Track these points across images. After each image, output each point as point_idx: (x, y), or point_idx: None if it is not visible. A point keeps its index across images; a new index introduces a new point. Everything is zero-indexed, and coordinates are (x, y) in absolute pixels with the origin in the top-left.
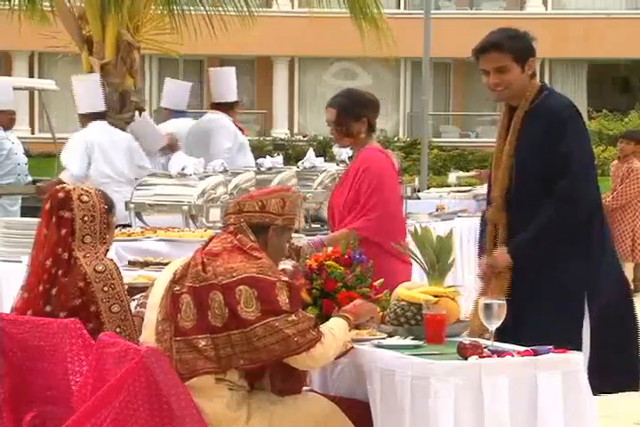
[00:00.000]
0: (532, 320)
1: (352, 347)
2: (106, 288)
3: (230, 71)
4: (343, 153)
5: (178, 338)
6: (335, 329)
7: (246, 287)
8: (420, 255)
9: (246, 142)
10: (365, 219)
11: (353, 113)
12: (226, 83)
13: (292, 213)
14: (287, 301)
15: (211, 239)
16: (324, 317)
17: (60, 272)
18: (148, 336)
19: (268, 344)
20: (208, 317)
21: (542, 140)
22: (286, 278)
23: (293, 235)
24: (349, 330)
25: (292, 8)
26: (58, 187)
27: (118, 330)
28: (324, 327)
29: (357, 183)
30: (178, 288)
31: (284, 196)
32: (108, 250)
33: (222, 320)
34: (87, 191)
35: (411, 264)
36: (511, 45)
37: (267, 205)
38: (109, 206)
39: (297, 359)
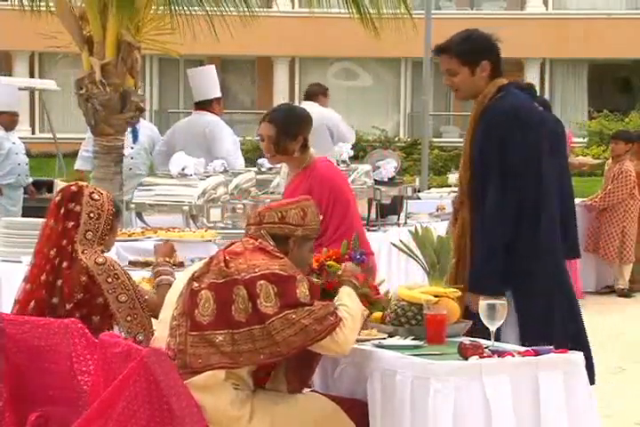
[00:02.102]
0: None
1: (369, 313)
2: (110, 279)
3: (211, 69)
4: (344, 153)
5: (193, 333)
6: (350, 307)
7: (266, 282)
8: (420, 255)
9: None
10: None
11: (291, 132)
12: (209, 80)
13: (312, 223)
14: (307, 293)
15: (232, 242)
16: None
17: (64, 264)
18: (162, 331)
19: (286, 337)
20: (232, 312)
21: (479, 139)
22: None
23: None
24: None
25: (293, 8)
26: (72, 182)
27: (129, 318)
28: (342, 309)
29: (330, 207)
30: (197, 285)
31: (305, 206)
32: (103, 251)
33: (246, 315)
34: (99, 191)
35: None
36: (458, 49)
37: (286, 216)
38: (117, 211)
39: (322, 346)
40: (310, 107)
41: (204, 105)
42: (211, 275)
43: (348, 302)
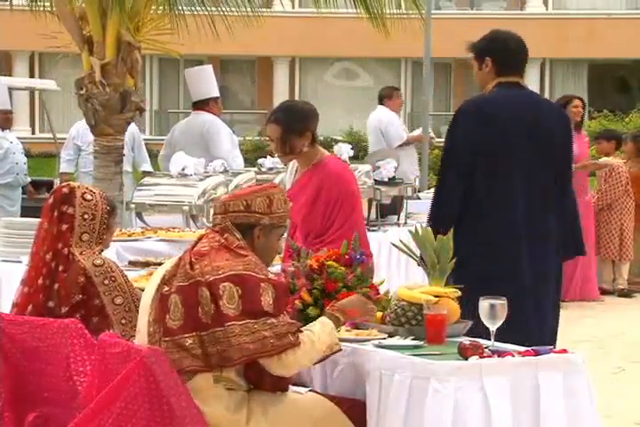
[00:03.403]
0: None
1: (340, 349)
2: (106, 281)
3: (208, 68)
4: (344, 152)
5: (166, 339)
6: (317, 334)
7: (231, 284)
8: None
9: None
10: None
11: (297, 129)
12: (206, 80)
13: (279, 211)
14: (271, 302)
15: (199, 239)
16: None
17: (60, 267)
18: (141, 339)
19: (242, 342)
20: (198, 313)
21: None
22: (274, 277)
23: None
24: (337, 329)
25: (293, 8)
26: (63, 183)
27: (124, 321)
28: (306, 334)
29: (339, 203)
30: (167, 289)
31: (271, 194)
32: (102, 251)
33: (210, 317)
34: (91, 191)
35: None
36: (474, 45)
37: (252, 204)
38: (111, 208)
39: (267, 363)
40: (378, 111)
41: (202, 105)
42: (178, 278)
43: (318, 329)
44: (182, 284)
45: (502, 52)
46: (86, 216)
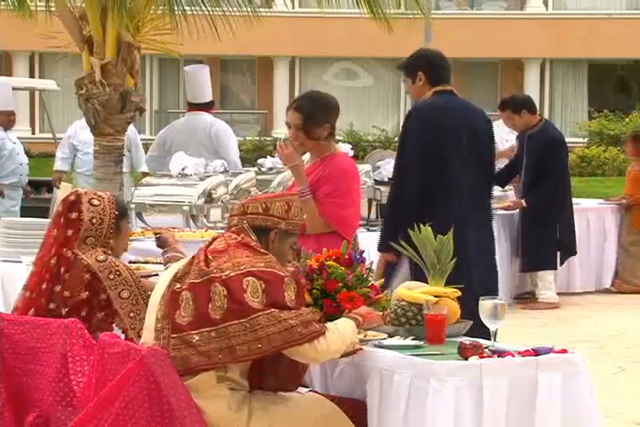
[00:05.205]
0: None
1: (360, 348)
2: (112, 276)
3: (206, 70)
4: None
5: (174, 335)
6: (341, 327)
7: (254, 279)
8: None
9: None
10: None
11: (318, 120)
12: (202, 83)
13: (296, 217)
14: (293, 297)
15: (214, 239)
16: (325, 317)
17: (62, 270)
18: (148, 336)
19: (270, 333)
20: (208, 309)
21: None
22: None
23: None
24: (358, 332)
25: (293, 8)
26: (72, 190)
27: (132, 315)
28: (330, 323)
29: (332, 202)
30: (179, 286)
31: (290, 200)
32: (105, 252)
33: (222, 312)
34: (99, 196)
35: None
36: (404, 64)
37: (270, 207)
38: (121, 212)
39: (299, 351)
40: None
41: (202, 104)
42: (191, 275)
43: (342, 325)
44: (195, 281)
45: (431, 65)
46: (94, 221)
